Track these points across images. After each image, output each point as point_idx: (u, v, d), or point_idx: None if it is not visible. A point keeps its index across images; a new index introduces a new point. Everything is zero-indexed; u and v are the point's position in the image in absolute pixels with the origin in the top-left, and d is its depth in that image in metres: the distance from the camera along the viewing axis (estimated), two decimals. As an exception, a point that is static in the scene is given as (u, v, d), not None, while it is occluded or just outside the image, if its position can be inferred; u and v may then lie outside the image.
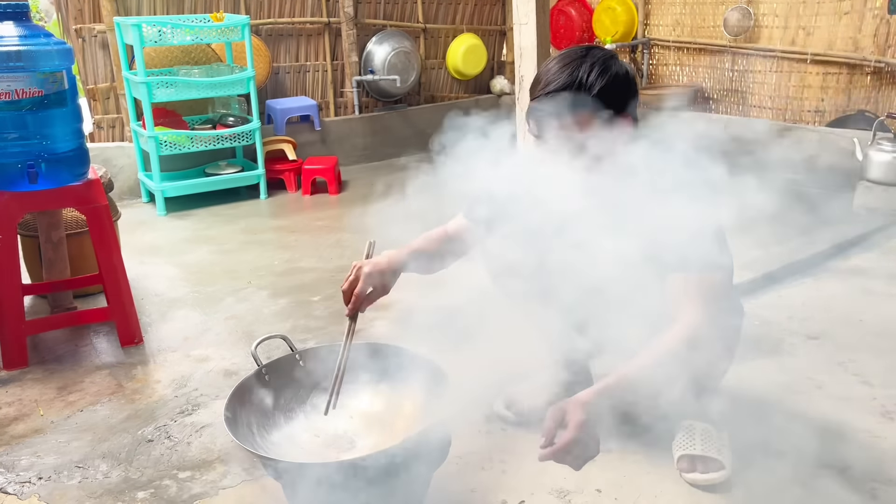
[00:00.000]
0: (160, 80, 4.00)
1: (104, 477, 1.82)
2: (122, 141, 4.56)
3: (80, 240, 2.83)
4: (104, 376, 2.33)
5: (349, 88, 5.33)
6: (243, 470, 1.81)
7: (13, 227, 2.35)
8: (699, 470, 1.70)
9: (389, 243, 1.84)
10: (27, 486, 1.80)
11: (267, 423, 1.65)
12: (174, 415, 2.09)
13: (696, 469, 1.70)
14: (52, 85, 2.25)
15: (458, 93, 6.01)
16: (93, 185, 2.43)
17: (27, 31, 2.22)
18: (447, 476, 1.69)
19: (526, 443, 1.91)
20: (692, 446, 1.73)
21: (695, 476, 1.70)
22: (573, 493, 1.70)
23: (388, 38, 5.36)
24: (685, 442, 1.74)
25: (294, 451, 1.62)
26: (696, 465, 1.71)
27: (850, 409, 2.02)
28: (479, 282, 2.05)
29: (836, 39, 4.47)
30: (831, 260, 3.17)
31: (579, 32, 5.43)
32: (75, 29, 4.33)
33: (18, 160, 2.24)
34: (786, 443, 1.87)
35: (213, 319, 2.74)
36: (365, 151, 5.34)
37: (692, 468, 1.71)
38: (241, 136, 4.32)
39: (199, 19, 4.27)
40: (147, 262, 3.38)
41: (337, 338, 2.49)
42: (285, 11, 5.05)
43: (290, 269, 3.26)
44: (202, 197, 4.31)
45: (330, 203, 4.38)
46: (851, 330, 2.52)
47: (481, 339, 2.41)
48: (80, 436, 2.01)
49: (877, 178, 3.72)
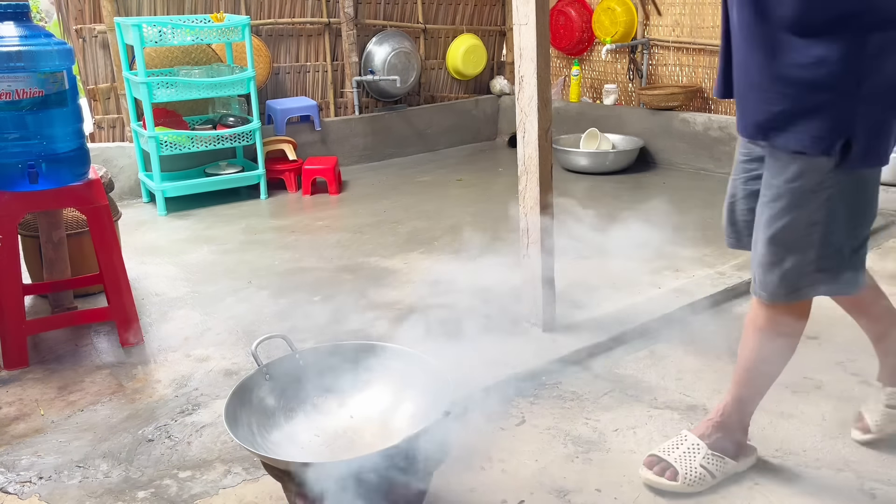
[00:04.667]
0: (160, 81, 4.00)
1: (104, 476, 1.83)
2: (122, 141, 4.56)
3: (81, 240, 2.83)
4: (105, 376, 2.33)
5: (349, 89, 5.33)
6: (243, 470, 1.81)
7: (14, 227, 2.35)
8: (655, 471, 1.70)
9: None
10: (28, 485, 1.80)
11: (267, 423, 1.66)
12: (174, 414, 2.09)
13: (653, 467, 1.71)
14: (53, 85, 2.25)
15: (458, 93, 6.01)
16: (93, 185, 2.43)
17: (28, 32, 2.22)
18: (447, 476, 1.69)
19: (526, 443, 1.91)
20: (669, 452, 1.73)
21: (647, 474, 1.71)
22: (573, 492, 1.71)
23: (388, 38, 5.36)
24: (668, 446, 1.75)
25: (294, 450, 1.62)
26: (655, 465, 1.72)
27: (850, 409, 2.02)
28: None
29: (836, 40, 4.47)
30: (831, 260, 3.17)
31: (579, 33, 5.44)
32: (76, 29, 4.33)
33: (19, 160, 2.24)
34: (785, 443, 1.88)
35: (214, 319, 2.74)
36: (365, 152, 5.35)
37: (650, 465, 1.72)
38: (241, 137, 4.32)
39: (200, 20, 4.27)
40: (147, 262, 3.38)
41: (337, 338, 2.50)
42: (285, 12, 5.05)
43: (291, 269, 3.26)
44: (202, 197, 4.32)
45: (330, 203, 4.38)
46: (851, 330, 2.51)
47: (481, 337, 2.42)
48: (80, 435, 2.01)
49: (876, 178, 3.72)
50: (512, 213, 2.49)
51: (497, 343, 2.39)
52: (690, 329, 2.50)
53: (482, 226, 3.81)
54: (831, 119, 1.36)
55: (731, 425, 1.74)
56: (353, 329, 2.61)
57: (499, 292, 2.88)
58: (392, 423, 1.67)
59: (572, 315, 2.49)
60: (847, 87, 1.34)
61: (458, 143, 5.84)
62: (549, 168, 2.32)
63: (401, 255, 3.39)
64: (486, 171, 5.06)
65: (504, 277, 3.03)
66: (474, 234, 3.66)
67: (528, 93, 2.23)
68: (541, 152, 2.28)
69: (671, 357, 2.35)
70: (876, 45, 1.32)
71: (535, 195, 2.32)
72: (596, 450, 1.87)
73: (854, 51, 1.32)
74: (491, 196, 4.42)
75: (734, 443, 1.74)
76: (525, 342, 2.39)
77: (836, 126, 1.36)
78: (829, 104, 1.36)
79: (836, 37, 1.33)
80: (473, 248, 3.45)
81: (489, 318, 2.61)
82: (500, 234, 3.59)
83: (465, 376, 2.13)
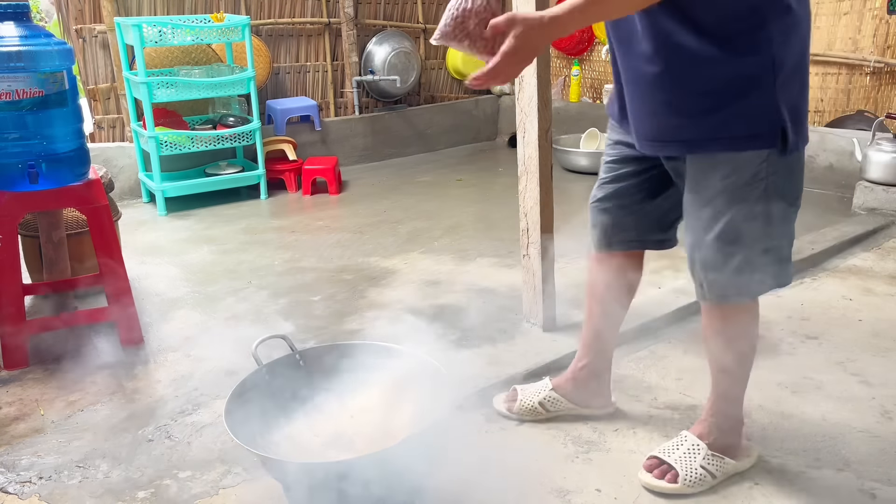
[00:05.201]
0: (161, 81, 4.00)
1: (105, 476, 1.83)
2: (122, 141, 4.56)
3: (81, 240, 2.83)
4: (105, 376, 2.33)
5: (349, 89, 5.33)
6: (243, 470, 1.81)
7: (14, 227, 2.35)
8: (655, 474, 1.70)
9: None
10: (28, 485, 1.80)
11: (267, 423, 1.66)
12: (174, 414, 2.09)
13: (653, 470, 1.70)
14: (53, 85, 2.25)
15: (457, 93, 6.01)
16: (93, 185, 2.43)
17: (28, 32, 2.22)
18: (447, 476, 1.69)
19: (526, 443, 1.92)
20: (669, 453, 1.73)
21: (648, 478, 1.70)
22: (573, 492, 1.71)
23: (388, 38, 5.36)
24: (669, 447, 1.75)
25: (294, 450, 1.62)
26: (656, 468, 1.71)
27: (850, 409, 2.02)
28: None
29: (836, 40, 4.48)
30: (830, 260, 3.17)
31: (579, 33, 5.43)
32: (76, 29, 4.34)
33: (19, 160, 2.24)
34: (785, 443, 1.88)
35: (214, 319, 2.74)
36: (365, 152, 5.35)
37: (650, 468, 1.71)
38: (241, 137, 4.32)
39: (200, 20, 4.27)
40: (147, 262, 3.38)
41: (337, 338, 2.50)
42: (285, 12, 5.05)
43: (291, 269, 3.26)
44: (202, 197, 4.31)
45: (330, 203, 4.38)
46: (850, 330, 2.53)
47: (481, 337, 2.42)
48: (80, 435, 2.01)
49: (876, 178, 3.73)
50: (512, 213, 2.49)
51: (497, 343, 2.39)
52: (690, 329, 2.50)
53: (482, 226, 3.81)
54: (763, 114, 1.39)
55: (726, 423, 1.73)
56: (353, 329, 2.61)
57: (499, 292, 2.89)
58: (392, 424, 1.67)
59: (572, 315, 2.49)
60: (768, 80, 1.37)
61: (458, 143, 5.84)
62: (549, 168, 2.32)
63: (401, 255, 3.39)
64: (486, 171, 5.06)
65: (504, 277, 3.03)
66: (474, 234, 3.66)
67: (528, 93, 2.24)
68: (541, 152, 2.28)
69: (671, 357, 2.35)
70: (779, 33, 1.36)
71: (535, 195, 2.32)
72: (596, 450, 1.87)
73: (765, 44, 1.36)
74: (491, 196, 4.42)
75: (733, 442, 1.74)
76: (525, 342, 2.40)
77: (770, 119, 1.39)
78: (757, 101, 1.38)
79: (746, 35, 1.36)
80: (473, 248, 3.45)
81: (489, 318, 2.61)
82: (500, 234, 3.60)
83: (465, 376, 2.14)
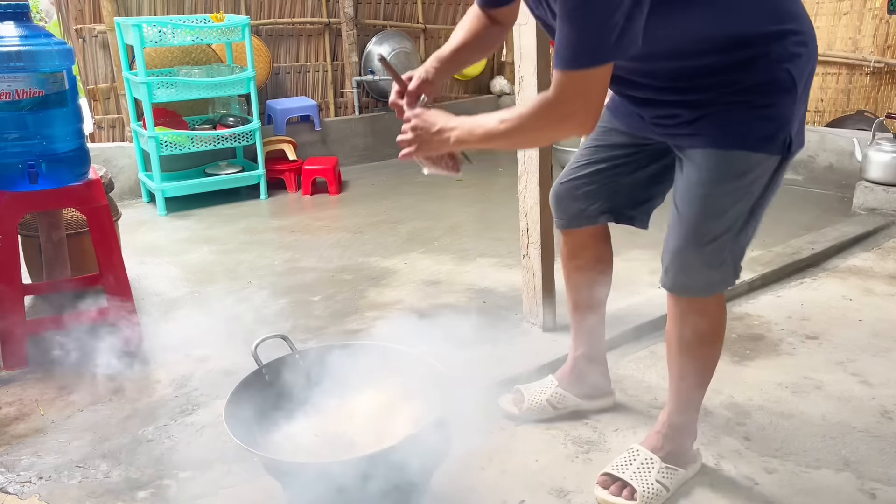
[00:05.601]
0: (160, 81, 4.00)
1: (105, 476, 1.83)
2: (122, 141, 4.56)
3: (81, 240, 2.83)
4: (105, 376, 2.32)
5: (349, 89, 5.33)
6: (243, 470, 1.81)
7: (14, 227, 2.35)
8: (612, 490, 1.66)
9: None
10: (27, 485, 1.80)
11: (267, 423, 1.66)
12: (174, 415, 2.09)
13: (608, 487, 1.67)
14: (53, 85, 2.25)
15: (458, 93, 6.01)
16: (93, 185, 2.43)
17: (28, 32, 2.22)
18: (447, 476, 1.69)
19: (526, 443, 1.92)
20: (622, 469, 1.69)
21: (604, 494, 1.67)
22: (573, 492, 1.71)
23: (388, 38, 5.36)
24: (621, 462, 1.71)
25: (294, 450, 1.62)
26: (611, 484, 1.67)
27: (850, 409, 2.02)
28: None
29: (836, 40, 4.48)
30: (831, 260, 3.18)
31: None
32: (76, 29, 4.34)
33: (19, 160, 2.24)
34: (785, 443, 1.88)
35: (213, 319, 2.74)
36: (365, 151, 5.35)
37: (606, 485, 1.68)
38: (241, 137, 4.32)
39: (200, 20, 4.27)
40: (147, 262, 3.38)
41: (337, 338, 2.50)
42: (285, 12, 5.05)
43: (291, 269, 3.26)
44: (202, 197, 4.32)
45: (330, 203, 4.38)
46: (850, 330, 2.53)
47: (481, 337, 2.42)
48: (80, 435, 2.01)
49: (876, 178, 3.73)
50: (512, 213, 2.49)
51: (497, 343, 2.39)
52: (690, 329, 2.50)
53: (482, 226, 3.82)
54: (778, 119, 1.43)
55: (682, 434, 1.71)
56: (353, 329, 2.61)
57: (499, 292, 2.89)
58: (392, 424, 1.67)
59: (572, 315, 2.48)
60: (792, 89, 1.42)
61: (458, 143, 5.83)
62: (549, 168, 2.32)
63: (401, 255, 3.39)
64: (486, 171, 5.06)
65: (504, 277, 3.03)
66: (474, 234, 3.67)
67: (528, 93, 2.23)
68: (541, 152, 2.28)
69: (671, 357, 2.35)
70: (797, 45, 1.42)
71: (535, 195, 2.32)
72: (596, 450, 1.87)
73: (793, 57, 1.41)
74: (491, 196, 4.42)
75: (684, 451, 1.72)
76: (525, 342, 2.40)
77: (782, 125, 1.43)
78: (779, 106, 1.42)
79: (779, 48, 1.40)
80: (473, 248, 3.45)
81: (489, 318, 2.61)
82: (500, 234, 3.60)
83: (465, 376, 2.14)
